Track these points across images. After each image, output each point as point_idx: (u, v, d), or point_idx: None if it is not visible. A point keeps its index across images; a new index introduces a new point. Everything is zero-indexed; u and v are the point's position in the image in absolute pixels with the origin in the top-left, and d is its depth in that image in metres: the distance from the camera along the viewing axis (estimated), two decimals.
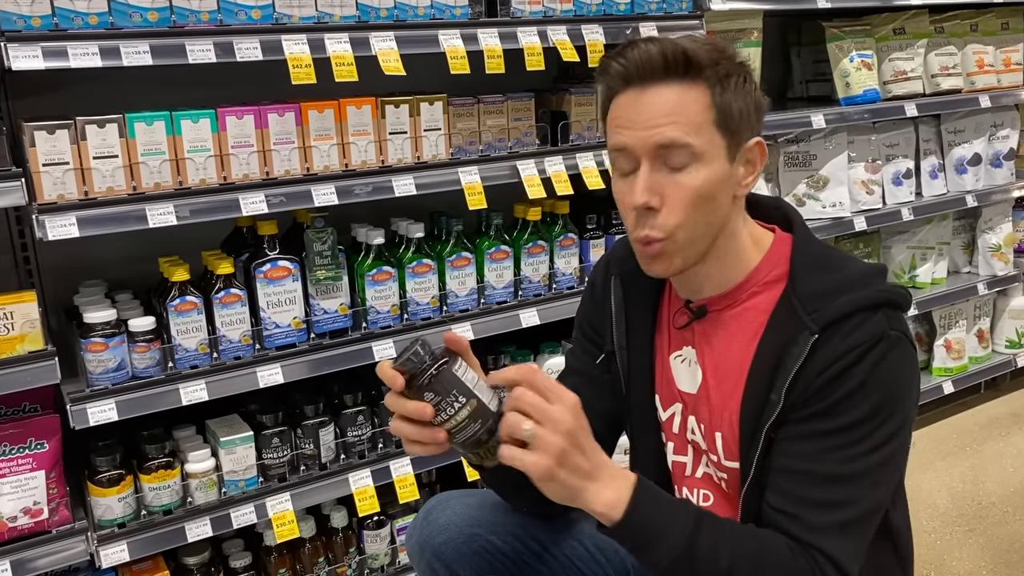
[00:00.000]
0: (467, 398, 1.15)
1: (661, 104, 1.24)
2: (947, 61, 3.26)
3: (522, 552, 1.51)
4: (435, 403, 1.14)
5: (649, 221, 1.27)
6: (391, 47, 2.07)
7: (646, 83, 1.25)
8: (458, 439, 1.16)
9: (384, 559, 2.42)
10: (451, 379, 1.15)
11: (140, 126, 1.88)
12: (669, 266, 1.31)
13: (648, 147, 1.24)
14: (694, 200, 1.25)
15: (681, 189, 1.24)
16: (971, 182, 3.42)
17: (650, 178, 1.25)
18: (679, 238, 1.27)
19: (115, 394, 1.94)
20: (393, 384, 1.15)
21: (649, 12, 2.47)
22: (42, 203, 1.80)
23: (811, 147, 3.08)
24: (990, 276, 3.57)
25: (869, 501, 1.23)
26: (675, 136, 1.22)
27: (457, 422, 1.15)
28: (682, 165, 1.24)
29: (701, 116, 1.24)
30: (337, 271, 2.15)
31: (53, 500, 1.96)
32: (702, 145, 1.24)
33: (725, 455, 1.36)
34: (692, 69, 1.23)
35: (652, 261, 1.31)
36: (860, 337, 1.22)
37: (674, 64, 1.23)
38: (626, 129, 1.26)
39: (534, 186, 2.33)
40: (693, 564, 1.17)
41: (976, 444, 3.38)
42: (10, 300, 1.83)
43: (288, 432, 2.19)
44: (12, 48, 1.71)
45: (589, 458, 1.14)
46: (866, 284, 1.28)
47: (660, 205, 1.25)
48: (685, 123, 1.23)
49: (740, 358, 1.33)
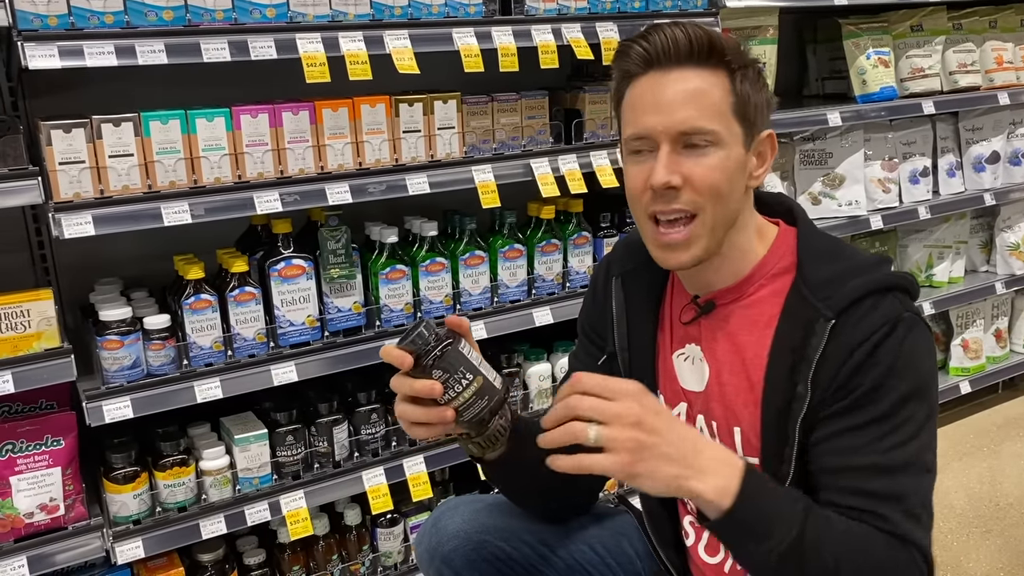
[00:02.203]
0: (474, 375, 1.18)
1: (685, 88, 1.24)
2: (965, 58, 3.23)
3: (531, 557, 1.50)
4: (443, 380, 1.16)
5: (672, 197, 1.26)
6: (405, 45, 2.07)
7: (669, 67, 1.25)
8: (465, 416, 1.18)
9: (397, 557, 2.42)
10: (458, 356, 1.18)
11: (155, 125, 1.89)
12: (690, 253, 1.29)
13: (671, 130, 1.24)
14: (715, 180, 1.25)
15: (702, 168, 1.25)
16: (989, 180, 3.38)
17: (671, 158, 1.25)
18: (704, 219, 1.26)
19: (130, 391, 1.95)
20: (402, 363, 1.17)
21: (664, 9, 2.45)
22: (58, 201, 1.81)
23: (827, 145, 3.05)
24: (1008, 275, 3.53)
25: (925, 485, 1.22)
26: (698, 120, 1.23)
27: (465, 399, 1.17)
28: (703, 146, 1.24)
29: (722, 102, 1.25)
30: (351, 269, 2.16)
31: (69, 497, 1.97)
32: (723, 130, 1.25)
33: (744, 450, 1.35)
34: (715, 55, 1.24)
35: (673, 249, 1.29)
36: (878, 320, 1.22)
37: (698, 49, 1.24)
38: (649, 112, 1.26)
39: (548, 184, 2.33)
40: (802, 559, 1.12)
41: (994, 445, 3.34)
42: (27, 298, 1.84)
43: (302, 430, 2.20)
44: (29, 47, 1.72)
45: (675, 443, 1.09)
46: (874, 269, 1.28)
47: (682, 184, 1.25)
48: (708, 107, 1.24)
49: (753, 351, 1.32)
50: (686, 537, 1.51)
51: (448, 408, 1.18)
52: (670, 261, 1.31)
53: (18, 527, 1.91)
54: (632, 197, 1.32)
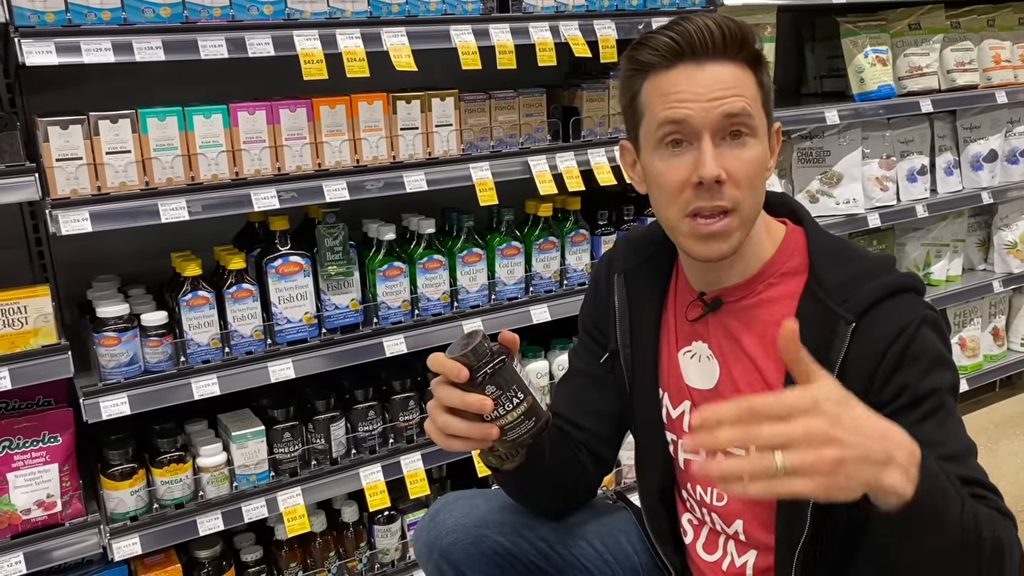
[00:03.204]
0: (524, 394, 1.14)
1: (724, 78, 1.23)
2: (963, 57, 3.23)
3: (529, 552, 1.50)
4: (495, 396, 1.13)
5: (718, 192, 1.23)
6: (403, 43, 2.06)
7: (703, 58, 1.23)
8: (509, 436, 1.15)
9: (395, 554, 2.43)
10: (512, 374, 1.14)
11: (153, 121, 1.88)
12: (728, 244, 1.26)
13: (713, 119, 1.22)
14: (753, 174, 1.25)
15: (742, 163, 1.24)
16: (987, 179, 3.38)
17: (716, 151, 1.23)
18: (742, 213, 1.25)
19: (127, 388, 1.95)
20: (458, 376, 1.14)
21: (662, 7, 2.45)
22: (55, 198, 1.81)
23: (825, 143, 3.06)
24: (1006, 274, 3.53)
25: (980, 467, 1.20)
26: (743, 107, 1.23)
27: (512, 418, 1.14)
28: (743, 137, 1.24)
29: (754, 93, 1.26)
30: (348, 266, 2.16)
31: (66, 493, 1.97)
32: (758, 122, 1.25)
33: None
34: (745, 47, 1.25)
35: (713, 240, 1.25)
36: (903, 319, 1.22)
37: (731, 42, 1.23)
38: (687, 102, 1.23)
39: (545, 182, 2.33)
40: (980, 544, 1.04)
41: (991, 443, 3.35)
42: (24, 294, 1.84)
43: (299, 427, 2.20)
44: (26, 44, 1.71)
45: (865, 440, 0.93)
46: (884, 272, 1.28)
47: (726, 179, 1.23)
48: (747, 97, 1.24)
49: (766, 351, 1.32)
50: (684, 535, 1.51)
51: (494, 426, 1.15)
52: (712, 251, 1.27)
53: (15, 523, 1.92)
54: (669, 192, 1.26)
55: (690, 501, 1.47)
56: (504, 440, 1.17)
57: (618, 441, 1.57)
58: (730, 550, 1.42)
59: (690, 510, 1.48)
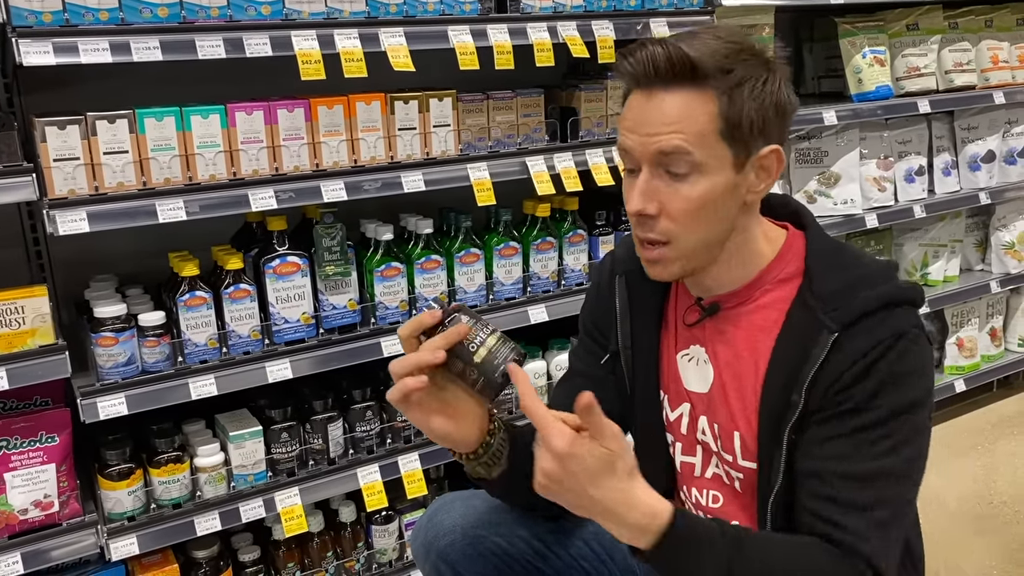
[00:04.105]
0: (494, 328, 1.25)
1: (665, 112, 1.21)
2: (961, 57, 3.23)
3: (527, 553, 1.50)
4: (470, 326, 1.22)
5: (648, 225, 1.26)
6: (400, 43, 2.06)
7: (652, 87, 1.23)
8: (495, 360, 1.22)
9: (392, 554, 2.43)
10: (475, 313, 1.26)
11: (150, 122, 1.88)
12: (667, 271, 1.31)
13: (648, 154, 1.23)
14: (692, 210, 1.24)
15: (679, 199, 1.23)
16: (984, 179, 3.39)
17: (648, 185, 1.24)
18: (677, 246, 1.26)
19: (125, 388, 1.95)
20: (433, 317, 1.23)
21: (659, 8, 2.45)
22: (53, 198, 1.81)
23: (823, 144, 3.06)
24: (1003, 274, 3.54)
25: (901, 498, 1.22)
26: (676, 146, 1.20)
27: (492, 344, 1.22)
28: (683, 174, 1.22)
29: (706, 126, 1.20)
30: (346, 267, 2.16)
31: (64, 493, 1.97)
32: (704, 156, 1.21)
33: (743, 455, 1.35)
34: (698, 76, 1.20)
35: (651, 265, 1.32)
36: (882, 334, 1.21)
37: (680, 70, 1.20)
38: (630, 132, 1.25)
39: (543, 182, 2.33)
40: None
41: (988, 443, 3.35)
42: (21, 294, 1.84)
43: (297, 427, 2.20)
44: (23, 44, 1.71)
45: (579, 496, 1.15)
46: (882, 281, 1.27)
47: (658, 212, 1.24)
48: (688, 133, 1.20)
49: (756, 356, 1.32)
50: None
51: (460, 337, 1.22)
52: (651, 274, 1.33)
53: (12, 523, 1.91)
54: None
55: (688, 503, 1.47)
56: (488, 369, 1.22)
57: None
58: None
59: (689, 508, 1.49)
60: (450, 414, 1.28)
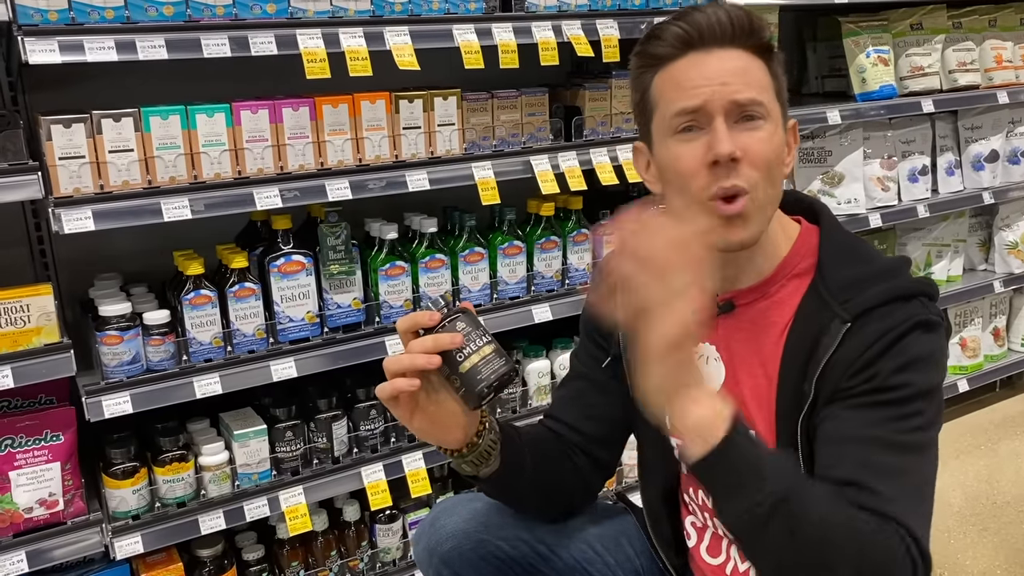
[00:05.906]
0: (491, 337, 1.23)
1: (734, 65, 1.24)
2: (965, 57, 3.23)
3: (529, 556, 1.50)
4: (465, 333, 1.21)
5: (734, 171, 1.22)
6: (405, 42, 2.06)
7: (711, 47, 1.24)
8: (484, 372, 1.20)
9: (396, 553, 2.43)
10: (477, 320, 1.24)
11: (155, 120, 1.88)
12: (747, 230, 1.25)
13: (726, 102, 1.22)
14: (770, 156, 1.24)
15: (759, 143, 1.23)
16: (988, 179, 3.38)
17: (729, 131, 1.23)
18: (756, 196, 1.24)
19: (130, 387, 1.95)
20: (430, 319, 1.21)
21: (664, 6, 2.45)
22: (58, 196, 1.81)
23: (826, 143, 3.06)
24: (1006, 274, 3.54)
25: (930, 476, 1.19)
26: (752, 95, 1.23)
27: (485, 354, 1.21)
28: (759, 119, 1.24)
29: (764, 81, 1.26)
30: (350, 265, 2.16)
31: (68, 492, 1.97)
32: (771, 107, 1.25)
33: None
34: (755, 36, 1.25)
35: (733, 223, 1.24)
36: (900, 318, 1.21)
37: (740, 30, 1.24)
38: (700, 87, 1.23)
39: (547, 181, 2.33)
40: (790, 520, 1.07)
41: (991, 443, 3.35)
42: (26, 293, 1.84)
43: (301, 426, 2.20)
44: (29, 42, 1.71)
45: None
46: (896, 275, 1.27)
47: (741, 158, 1.22)
48: (756, 83, 1.24)
49: (770, 350, 1.31)
50: (688, 538, 1.50)
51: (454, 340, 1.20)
52: (733, 237, 1.25)
53: (17, 522, 1.92)
54: (684, 177, 1.25)
55: (692, 504, 1.47)
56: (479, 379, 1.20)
57: (619, 445, 1.56)
58: (733, 555, 1.42)
59: (693, 513, 1.48)
60: (432, 413, 1.26)
